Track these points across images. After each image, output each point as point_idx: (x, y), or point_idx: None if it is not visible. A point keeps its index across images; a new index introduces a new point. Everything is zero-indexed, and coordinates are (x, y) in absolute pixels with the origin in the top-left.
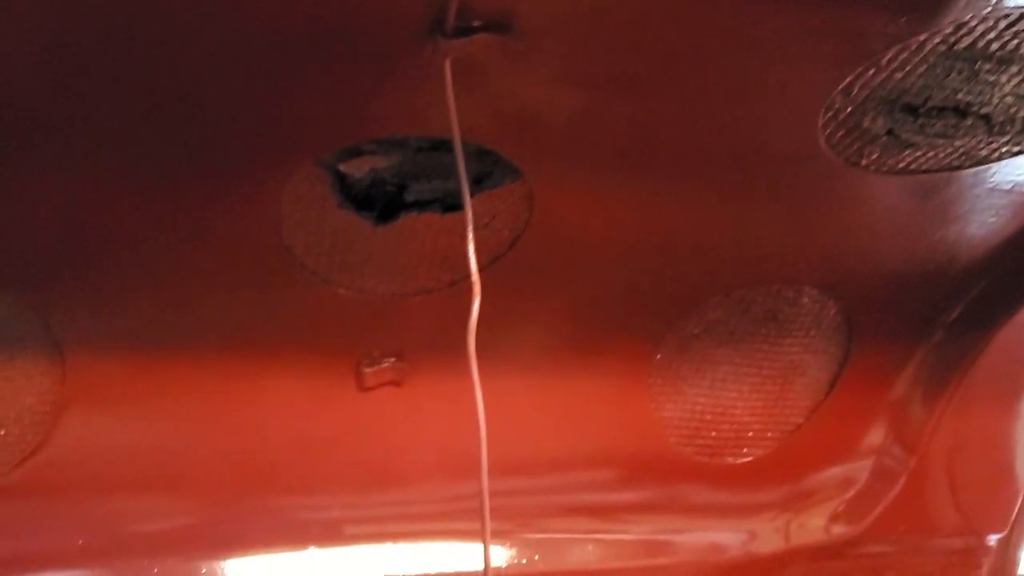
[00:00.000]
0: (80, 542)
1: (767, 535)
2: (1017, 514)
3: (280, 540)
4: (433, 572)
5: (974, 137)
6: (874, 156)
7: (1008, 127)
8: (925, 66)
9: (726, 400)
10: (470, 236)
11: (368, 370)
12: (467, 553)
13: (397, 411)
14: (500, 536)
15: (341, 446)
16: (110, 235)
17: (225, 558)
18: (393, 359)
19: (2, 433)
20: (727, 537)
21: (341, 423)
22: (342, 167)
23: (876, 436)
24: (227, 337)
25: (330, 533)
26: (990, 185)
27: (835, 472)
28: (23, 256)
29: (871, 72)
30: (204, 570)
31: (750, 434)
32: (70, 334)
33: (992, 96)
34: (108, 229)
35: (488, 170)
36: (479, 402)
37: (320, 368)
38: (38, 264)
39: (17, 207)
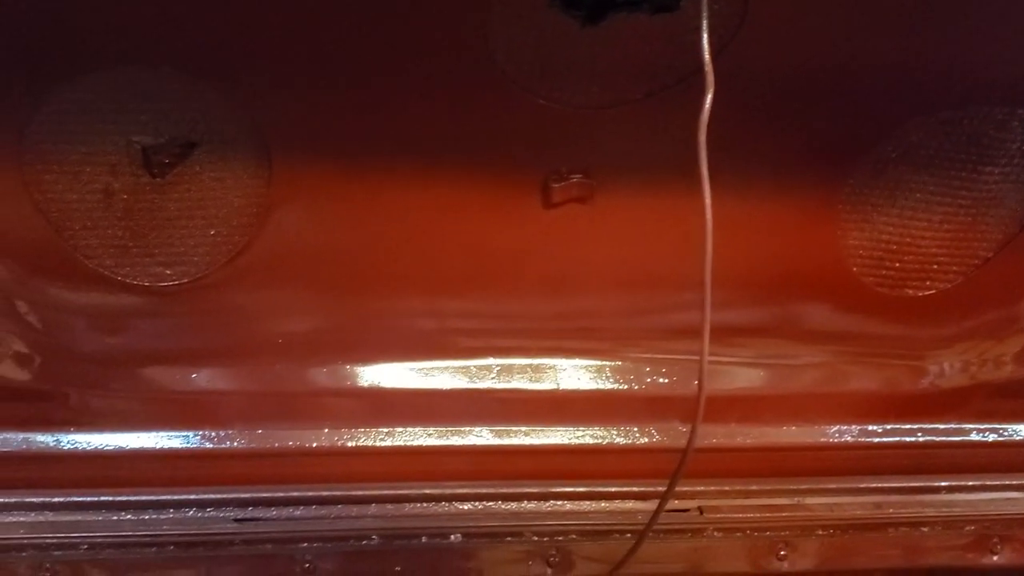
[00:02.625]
0: (279, 341)
1: (948, 370)
2: None
3: (464, 349)
4: (608, 388)
5: None
6: None
7: None
8: None
9: (914, 230)
10: (704, 23)
11: (556, 186)
12: (645, 371)
13: (581, 227)
14: (675, 356)
15: (525, 259)
16: (319, 37)
17: (415, 361)
18: (580, 176)
19: (212, 233)
20: (906, 370)
21: (526, 237)
22: None
23: None
24: (424, 145)
25: (511, 344)
26: None
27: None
28: (237, 55)
29: None
30: (400, 370)
31: (935, 266)
32: (277, 136)
33: None
34: (317, 31)
35: None
36: (706, 195)
37: (509, 181)
38: (250, 64)
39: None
